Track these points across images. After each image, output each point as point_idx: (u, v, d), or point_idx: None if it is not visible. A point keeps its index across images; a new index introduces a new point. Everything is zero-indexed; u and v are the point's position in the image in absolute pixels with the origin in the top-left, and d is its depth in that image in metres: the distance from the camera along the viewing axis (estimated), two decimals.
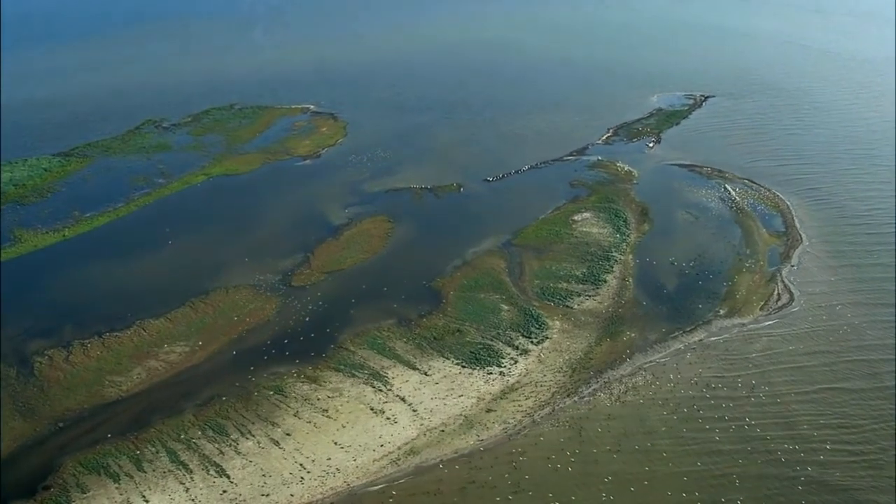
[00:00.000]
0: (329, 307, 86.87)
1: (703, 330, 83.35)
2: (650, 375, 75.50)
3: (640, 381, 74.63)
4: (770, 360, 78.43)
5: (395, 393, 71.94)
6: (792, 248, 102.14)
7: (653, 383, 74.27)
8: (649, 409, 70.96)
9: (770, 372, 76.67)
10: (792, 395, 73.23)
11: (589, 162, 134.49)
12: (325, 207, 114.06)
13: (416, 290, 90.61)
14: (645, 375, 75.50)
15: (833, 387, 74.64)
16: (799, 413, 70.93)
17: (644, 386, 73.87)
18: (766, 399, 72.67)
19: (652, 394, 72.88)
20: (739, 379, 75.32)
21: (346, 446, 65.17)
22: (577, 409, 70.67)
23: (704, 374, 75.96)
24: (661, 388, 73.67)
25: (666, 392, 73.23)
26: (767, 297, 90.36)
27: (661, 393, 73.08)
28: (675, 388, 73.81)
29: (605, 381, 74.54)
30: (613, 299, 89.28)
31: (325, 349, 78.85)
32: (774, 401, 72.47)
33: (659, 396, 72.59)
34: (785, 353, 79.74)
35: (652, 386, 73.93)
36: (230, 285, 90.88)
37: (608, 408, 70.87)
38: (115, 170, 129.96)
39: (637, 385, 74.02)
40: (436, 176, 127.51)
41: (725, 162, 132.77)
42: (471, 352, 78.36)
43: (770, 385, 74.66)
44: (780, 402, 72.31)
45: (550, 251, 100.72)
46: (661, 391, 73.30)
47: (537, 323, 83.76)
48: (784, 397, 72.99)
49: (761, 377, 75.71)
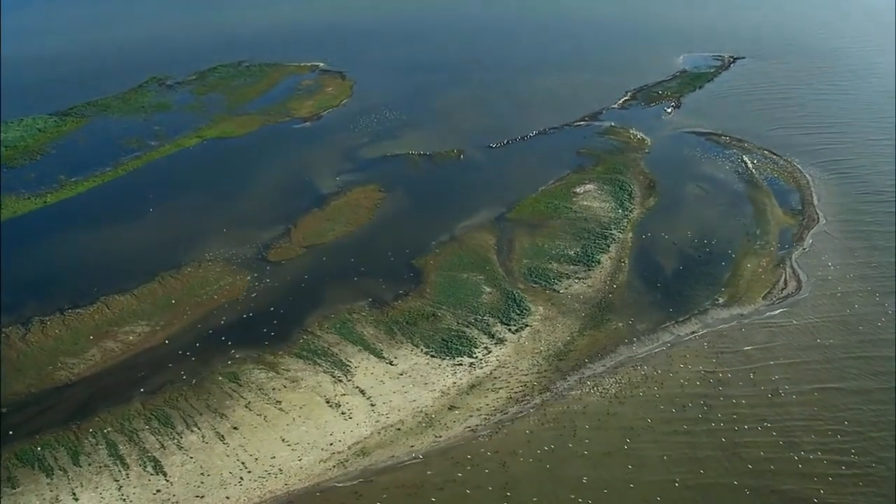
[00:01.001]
0: (303, 285, 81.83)
1: (697, 321, 76.50)
2: (632, 371, 69.28)
3: (620, 377, 68.45)
4: (767, 356, 71.64)
5: (354, 384, 66.96)
6: (806, 228, 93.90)
7: (634, 380, 68.12)
8: (628, 409, 64.92)
9: (766, 369, 69.98)
10: (787, 396, 66.69)
11: (601, 128, 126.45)
12: (316, 175, 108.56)
13: (396, 268, 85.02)
14: (627, 371, 69.28)
15: (834, 386, 67.89)
16: (793, 417, 64.39)
17: (624, 383, 67.71)
18: (757, 399, 66.19)
19: (632, 392, 66.77)
20: (731, 376, 68.79)
21: (293, 444, 60.57)
22: (548, 408, 64.91)
23: (693, 370, 69.49)
24: (643, 386, 67.51)
25: (648, 390, 67.08)
26: (773, 283, 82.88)
27: (642, 391, 66.96)
28: (658, 385, 67.62)
29: (582, 377, 68.56)
30: (605, 283, 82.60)
31: (291, 333, 74.03)
32: (767, 402, 65.99)
33: (640, 395, 66.49)
34: (784, 347, 72.86)
35: (633, 383, 67.79)
36: (204, 259, 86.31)
37: (582, 407, 64.97)
38: (110, 131, 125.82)
39: (617, 382, 67.86)
40: (438, 141, 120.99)
41: (746, 129, 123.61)
42: (443, 339, 72.83)
43: (764, 383, 68.10)
44: (774, 404, 65.82)
45: (545, 227, 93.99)
46: (642, 389, 67.15)
47: (519, 308, 77.70)
48: (778, 397, 66.48)
49: (755, 375, 69.10)
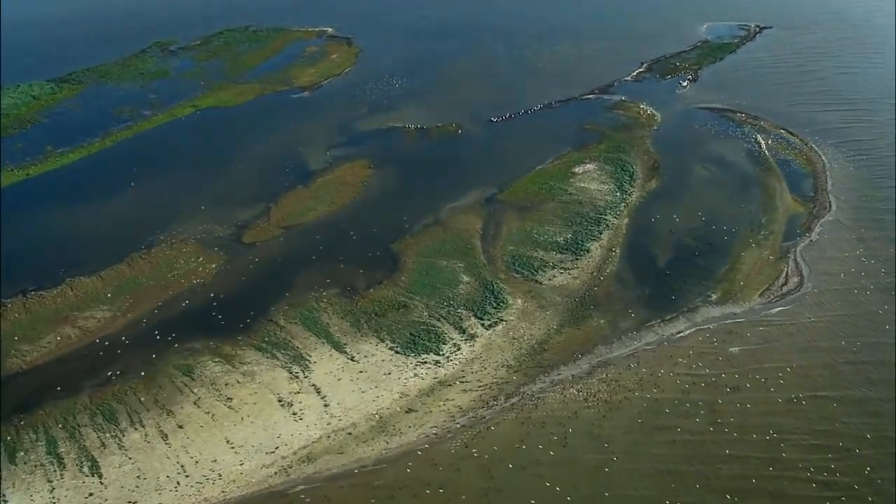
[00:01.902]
0: (273, 270, 77.84)
1: (685, 319, 70.94)
2: (608, 375, 64.27)
3: (593, 382, 63.52)
4: (756, 360, 66.10)
5: (311, 381, 63.07)
6: (816, 216, 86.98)
7: (608, 385, 63.12)
8: (600, 416, 60.12)
9: (754, 374, 64.54)
10: (775, 405, 61.35)
11: (610, 102, 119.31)
12: (306, 149, 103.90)
13: (373, 253, 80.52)
14: (601, 375, 64.29)
15: (827, 395, 62.46)
16: (780, 428, 59.14)
17: (597, 389, 62.77)
18: (741, 408, 60.94)
19: (606, 397, 61.89)
20: (714, 382, 63.51)
21: (238, 446, 57.05)
22: (513, 414, 60.36)
23: (673, 375, 64.25)
24: (619, 391, 62.55)
25: (623, 396, 62.13)
26: (773, 279, 76.74)
27: (617, 397, 62.03)
28: (635, 391, 62.62)
29: (553, 381, 63.78)
30: (592, 274, 77.17)
31: (254, 322, 70.26)
32: (752, 411, 60.69)
33: (614, 401, 61.57)
34: (777, 350, 67.25)
35: (608, 388, 62.84)
36: (177, 238, 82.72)
37: (551, 414, 60.30)
38: (105, 98, 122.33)
39: (589, 387, 62.95)
40: (438, 113, 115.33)
41: (764, 105, 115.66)
42: (411, 334, 68.42)
43: (751, 390, 62.75)
44: (759, 413, 60.58)
45: (537, 210, 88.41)
46: (617, 395, 62.21)
47: (496, 301, 72.81)
48: (764, 406, 61.18)
49: (741, 380, 63.72)
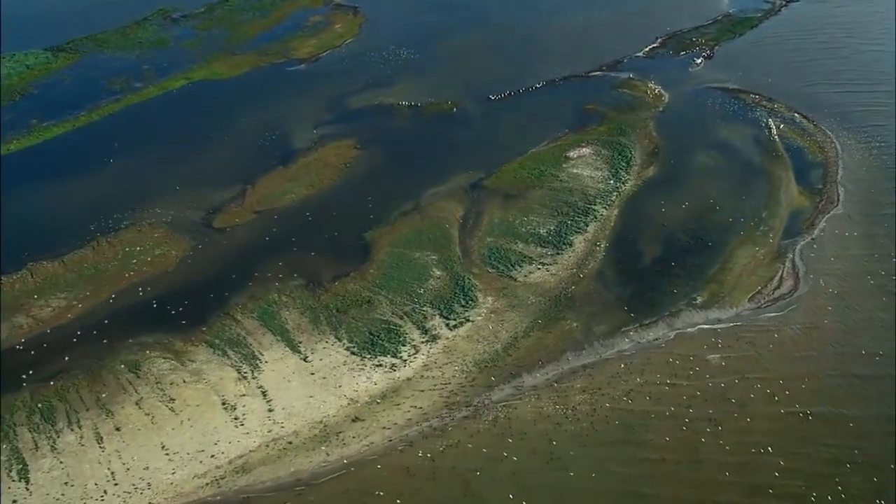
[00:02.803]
0: (240, 258, 74.34)
1: (664, 324, 65.89)
2: (574, 384, 59.89)
3: (556, 392, 59.23)
4: (736, 372, 61.18)
5: (258, 383, 59.74)
6: (822, 211, 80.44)
7: (574, 395, 58.78)
8: (561, 432, 55.96)
9: (732, 387, 59.77)
10: (752, 422, 56.81)
11: (616, 80, 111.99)
12: (293, 126, 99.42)
13: (345, 242, 76.54)
14: (568, 384, 59.95)
15: (811, 412, 57.56)
16: (755, 450, 54.71)
17: (562, 400, 58.50)
18: (714, 425, 56.47)
19: (570, 411, 57.61)
20: (687, 397, 58.76)
21: (173, 452, 54.12)
22: (465, 427, 56.41)
23: (644, 387, 59.59)
24: (584, 403, 58.24)
25: (588, 410, 57.75)
26: (766, 281, 71.09)
27: (581, 409, 57.69)
28: (601, 402, 58.18)
29: (514, 390, 59.56)
30: (571, 271, 72.23)
31: (211, 315, 67.05)
32: (726, 428, 56.21)
33: (577, 415, 57.29)
34: (761, 361, 62.25)
35: (573, 400, 58.53)
36: (147, 221, 79.55)
37: (506, 428, 56.25)
38: (99, 69, 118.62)
39: (553, 398, 58.66)
40: (435, 90, 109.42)
41: (780, 86, 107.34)
42: (370, 333, 64.56)
43: (726, 405, 58.13)
44: (733, 431, 56.15)
45: (523, 198, 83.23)
46: (581, 408, 57.86)
47: (465, 299, 68.45)
48: (740, 423, 56.76)
49: (717, 394, 59.06)
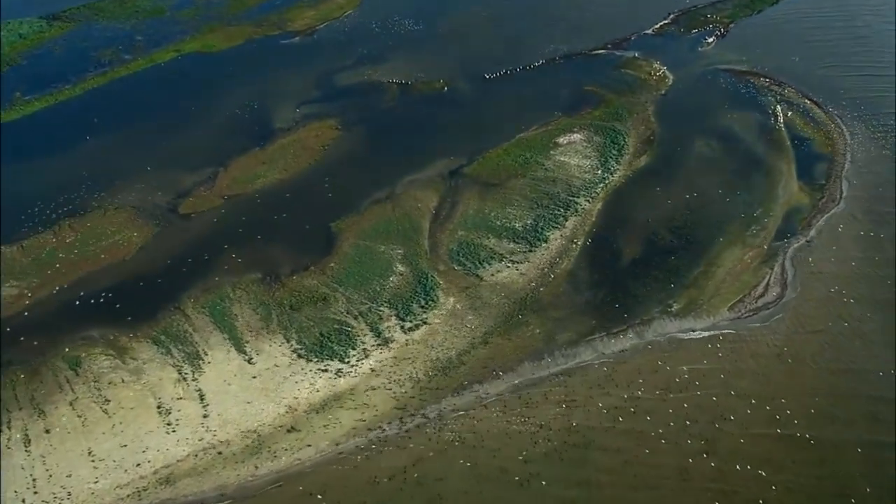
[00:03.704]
0: (200, 247, 71.36)
1: (633, 334, 61.42)
2: (527, 398, 56.08)
3: (505, 408, 55.34)
4: (703, 388, 56.85)
5: (198, 386, 57.03)
6: (821, 210, 74.57)
7: (525, 410, 55.00)
8: (503, 455, 52.30)
9: (695, 408, 55.44)
10: (711, 446, 52.61)
11: (621, 59, 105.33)
12: (276, 104, 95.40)
13: (310, 232, 73.05)
14: (520, 398, 56.09)
15: (780, 436, 53.08)
16: (713, 481, 50.28)
17: (510, 417, 54.71)
18: (672, 448, 52.39)
19: (516, 430, 53.90)
20: (648, 414, 54.68)
21: (99, 459, 51.81)
22: (406, 442, 53.07)
23: (599, 406, 55.47)
24: (534, 418, 54.50)
25: (538, 423, 54.00)
26: (751, 287, 66.00)
27: (531, 424, 54.03)
28: (554, 418, 54.30)
29: (461, 403, 55.96)
30: (542, 271, 67.88)
31: (161, 308, 64.31)
32: (684, 450, 52.05)
33: (526, 430, 53.60)
34: (731, 378, 57.78)
35: (523, 414, 54.72)
36: (112, 205, 76.82)
37: (449, 445, 52.80)
38: (90, 40, 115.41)
39: (499, 414, 54.84)
40: (429, 67, 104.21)
41: (792, 68, 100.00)
42: (321, 333, 61.29)
43: (687, 428, 53.96)
44: (691, 453, 52.01)
45: (503, 188, 78.59)
46: (532, 421, 54.23)
47: (426, 298, 64.68)
48: (697, 446, 52.50)
49: (680, 414, 54.85)
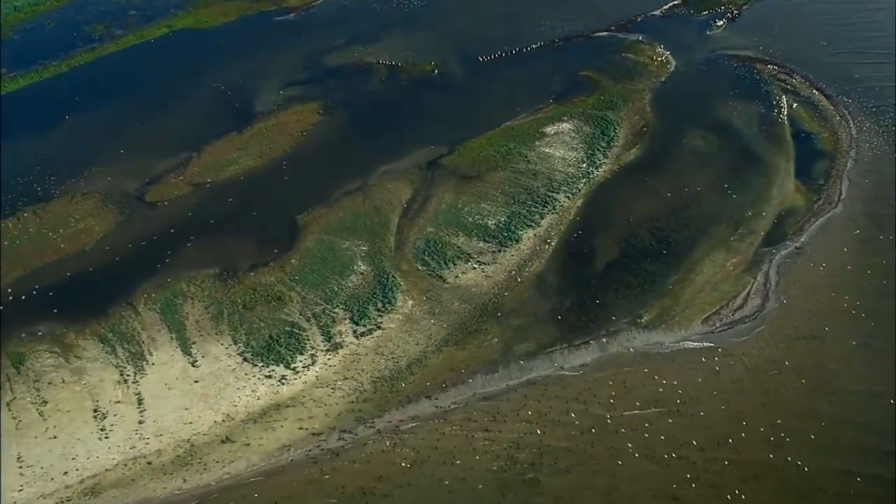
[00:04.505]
0: (161, 238, 68.99)
1: (596, 347, 57.83)
2: (469, 416, 52.98)
3: (450, 425, 52.41)
4: (657, 411, 52.72)
5: (138, 389, 54.95)
6: (817, 213, 69.75)
7: (465, 429, 51.88)
8: (437, 476, 49.31)
9: (641, 440, 51.48)
10: (655, 471, 48.79)
11: (623, 43, 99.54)
12: (260, 85, 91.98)
13: (275, 225, 70.31)
14: (463, 415, 53.07)
15: (731, 459, 49.18)
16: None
17: (452, 435, 51.70)
18: (608, 477, 48.83)
19: (456, 449, 50.87)
20: (588, 444, 51.23)
21: (27, 466, 50.08)
22: (337, 461, 50.34)
23: (550, 425, 52.12)
24: (473, 440, 51.34)
25: (476, 445, 50.95)
26: (729, 297, 61.80)
27: (469, 446, 50.98)
28: (491, 442, 51.10)
29: (404, 418, 53.07)
30: (509, 273, 64.33)
31: (113, 304, 62.19)
32: (620, 476, 48.55)
33: (465, 457, 50.50)
34: (692, 398, 53.94)
35: (462, 436, 51.63)
36: (81, 190, 74.64)
37: (383, 467, 49.96)
38: (84, 13, 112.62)
39: (442, 431, 51.95)
40: (424, 47, 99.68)
41: (805, 55, 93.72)
42: (270, 336, 58.69)
43: (633, 455, 50.01)
44: (627, 477, 48.50)
45: (481, 181, 74.74)
46: (471, 443, 51.06)
47: (384, 300, 61.64)
48: (638, 467, 48.79)
49: (623, 444, 51.14)
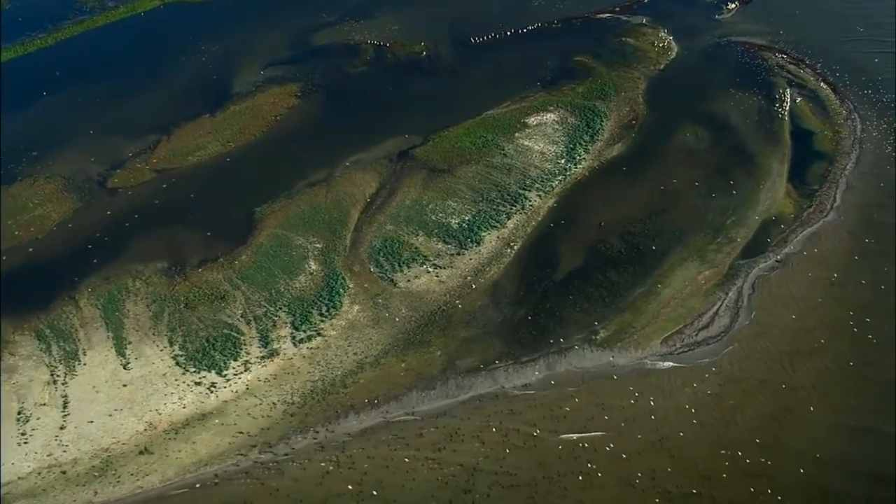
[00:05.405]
0: (115, 228, 67.16)
1: (544, 365, 54.20)
2: (393, 436, 50.11)
3: (377, 445, 49.60)
4: (591, 443, 49.18)
5: (65, 391, 53.39)
6: (805, 222, 64.30)
7: (390, 451, 49.13)
8: (358, 496, 46.96)
9: (574, 462, 48.07)
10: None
11: (625, 26, 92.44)
12: (242, 64, 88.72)
13: (233, 217, 67.79)
14: (388, 435, 50.21)
15: (672, 493, 45.72)
16: None
17: (377, 457, 48.95)
18: None
19: (364, 472, 48.24)
20: (519, 475, 47.82)
21: None
22: (250, 479, 48.14)
23: (480, 450, 48.98)
24: (392, 465, 48.56)
25: (402, 474, 48.05)
26: (696, 315, 57.28)
27: (387, 471, 48.24)
28: (405, 471, 48.33)
29: (329, 435, 50.43)
30: (465, 279, 60.73)
31: (57, 298, 60.62)
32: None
33: (394, 480, 47.80)
34: (631, 428, 49.91)
35: (386, 458, 48.86)
36: (45, 173, 73.24)
37: (296, 488, 47.63)
38: None
39: (365, 452, 49.21)
40: (415, 26, 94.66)
41: (815, 42, 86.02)
42: (207, 339, 56.46)
43: (554, 490, 46.95)
44: None
45: (451, 175, 70.77)
46: (394, 470, 48.25)
47: (329, 305, 58.80)
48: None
49: (547, 473, 47.67)
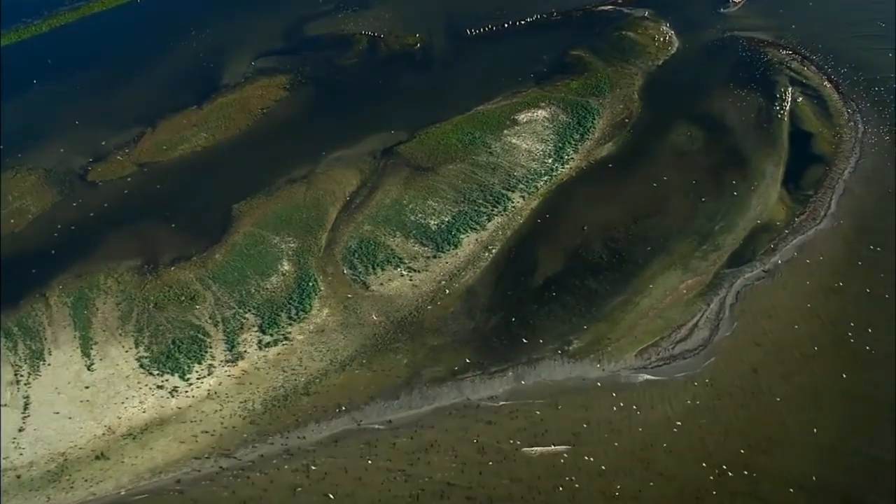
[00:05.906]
0: (92, 224, 66.48)
1: (513, 377, 52.47)
2: (351, 449, 48.63)
3: (331, 457, 48.28)
4: (555, 461, 47.52)
5: (28, 391, 52.71)
6: (796, 230, 61.79)
7: (336, 467, 47.69)
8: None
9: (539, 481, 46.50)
10: None
11: (627, 19, 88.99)
12: (233, 54, 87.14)
13: (210, 214, 66.73)
14: (346, 447, 48.75)
15: None
16: None
17: (323, 473, 47.64)
18: None
19: (319, 481, 47.00)
20: (474, 490, 46.32)
21: None
22: (206, 489, 47.09)
23: (435, 467, 47.49)
24: (340, 483, 47.22)
25: (340, 489, 46.76)
26: (674, 327, 55.08)
27: (331, 494, 46.85)
28: (363, 482, 46.91)
29: (286, 445, 49.19)
30: (439, 284, 59.05)
31: (27, 295, 59.91)
32: None
33: (336, 493, 46.62)
34: (594, 449, 48.10)
35: (334, 473, 47.54)
36: (27, 165, 72.63)
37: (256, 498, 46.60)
38: None
39: (313, 468, 47.91)
40: (412, 18, 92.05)
41: (822, 38, 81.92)
42: (173, 341, 55.42)
43: None
44: None
45: (434, 174, 68.93)
46: (336, 486, 47.00)
47: (298, 307, 57.49)
48: None
49: (506, 487, 46.17)
